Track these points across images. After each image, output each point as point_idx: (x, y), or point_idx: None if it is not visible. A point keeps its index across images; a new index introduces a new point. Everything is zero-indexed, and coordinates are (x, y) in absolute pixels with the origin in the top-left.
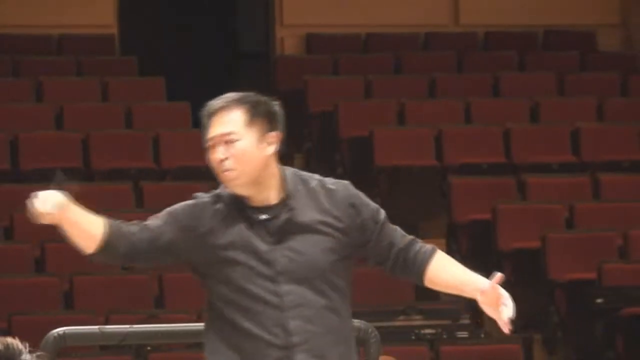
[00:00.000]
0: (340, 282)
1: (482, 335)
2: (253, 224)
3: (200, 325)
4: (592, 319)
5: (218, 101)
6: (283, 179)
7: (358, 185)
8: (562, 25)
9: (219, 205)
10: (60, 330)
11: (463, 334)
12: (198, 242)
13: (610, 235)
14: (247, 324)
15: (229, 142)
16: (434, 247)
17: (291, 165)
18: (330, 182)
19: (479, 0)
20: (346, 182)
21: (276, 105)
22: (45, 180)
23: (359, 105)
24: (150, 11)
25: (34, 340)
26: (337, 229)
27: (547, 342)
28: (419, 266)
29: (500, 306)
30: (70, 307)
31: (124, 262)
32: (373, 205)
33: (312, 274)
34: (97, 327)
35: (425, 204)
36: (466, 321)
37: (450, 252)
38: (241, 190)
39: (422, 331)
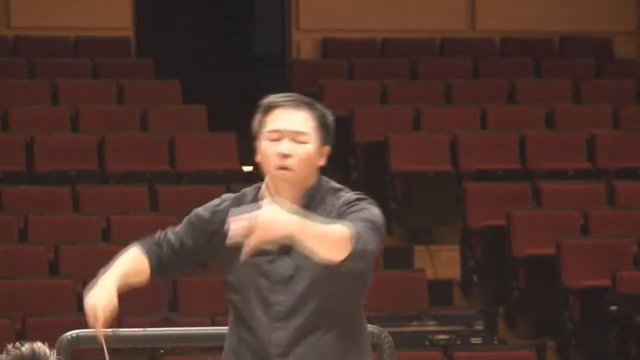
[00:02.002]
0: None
1: (496, 342)
2: None
3: (213, 329)
4: (606, 326)
5: (286, 96)
6: (308, 192)
7: (372, 190)
8: (578, 32)
9: (242, 206)
10: (73, 332)
11: (476, 340)
12: (213, 243)
13: (625, 242)
14: (247, 329)
15: (298, 142)
16: None
17: None
18: (342, 198)
19: (495, 6)
20: (349, 195)
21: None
22: (60, 183)
23: (374, 110)
24: (167, 14)
25: (47, 342)
26: None
27: (561, 348)
28: None
29: None
30: (84, 309)
31: (157, 275)
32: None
33: (303, 288)
34: (110, 329)
35: (439, 209)
36: (480, 327)
37: (464, 257)
38: (279, 190)
39: (436, 337)
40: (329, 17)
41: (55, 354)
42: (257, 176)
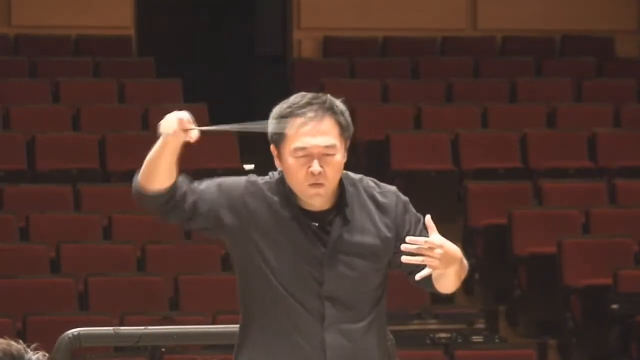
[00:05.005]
0: (380, 298)
1: (497, 340)
2: (305, 228)
3: (215, 328)
4: (607, 325)
5: (304, 104)
6: (341, 186)
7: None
8: (579, 31)
9: (271, 195)
10: (75, 331)
11: (478, 339)
12: (243, 222)
13: (627, 241)
14: (288, 326)
15: (327, 156)
16: None
17: None
18: (378, 190)
19: (497, 6)
20: (394, 189)
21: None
22: (61, 182)
23: (375, 109)
24: (168, 13)
25: (49, 341)
26: (382, 245)
27: (562, 347)
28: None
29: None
30: (86, 308)
31: (164, 211)
32: (416, 213)
33: (356, 294)
34: (112, 328)
35: (441, 208)
36: (481, 326)
37: (466, 256)
38: (309, 200)
39: (437, 335)
40: (331, 16)
41: (30, 349)
42: (258, 175)
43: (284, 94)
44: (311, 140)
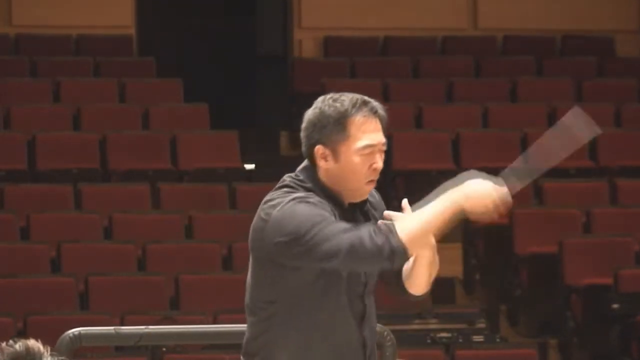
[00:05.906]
0: None
1: (498, 340)
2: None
3: (215, 327)
4: (608, 325)
5: (362, 104)
6: None
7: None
8: (580, 31)
9: (324, 201)
10: (75, 330)
11: (478, 338)
12: None
13: (627, 240)
14: (329, 323)
15: (382, 151)
16: None
17: None
18: None
19: (497, 5)
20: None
21: None
22: (62, 181)
23: None
24: (168, 12)
25: (49, 341)
26: None
27: (563, 347)
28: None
29: None
30: (86, 307)
31: None
32: None
33: (375, 286)
34: (112, 327)
35: None
36: (482, 325)
37: (466, 256)
38: (354, 197)
39: (438, 335)
40: (331, 15)
41: (49, 351)
42: (258, 174)
43: (284, 93)
44: (375, 137)
